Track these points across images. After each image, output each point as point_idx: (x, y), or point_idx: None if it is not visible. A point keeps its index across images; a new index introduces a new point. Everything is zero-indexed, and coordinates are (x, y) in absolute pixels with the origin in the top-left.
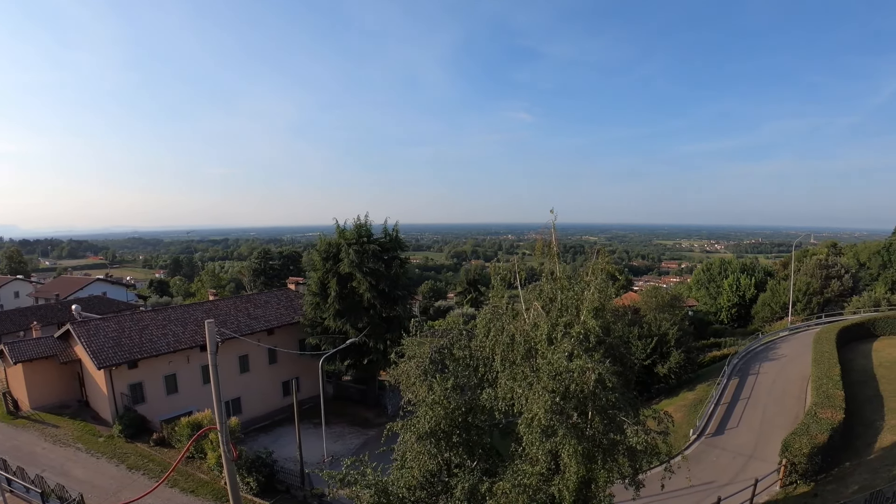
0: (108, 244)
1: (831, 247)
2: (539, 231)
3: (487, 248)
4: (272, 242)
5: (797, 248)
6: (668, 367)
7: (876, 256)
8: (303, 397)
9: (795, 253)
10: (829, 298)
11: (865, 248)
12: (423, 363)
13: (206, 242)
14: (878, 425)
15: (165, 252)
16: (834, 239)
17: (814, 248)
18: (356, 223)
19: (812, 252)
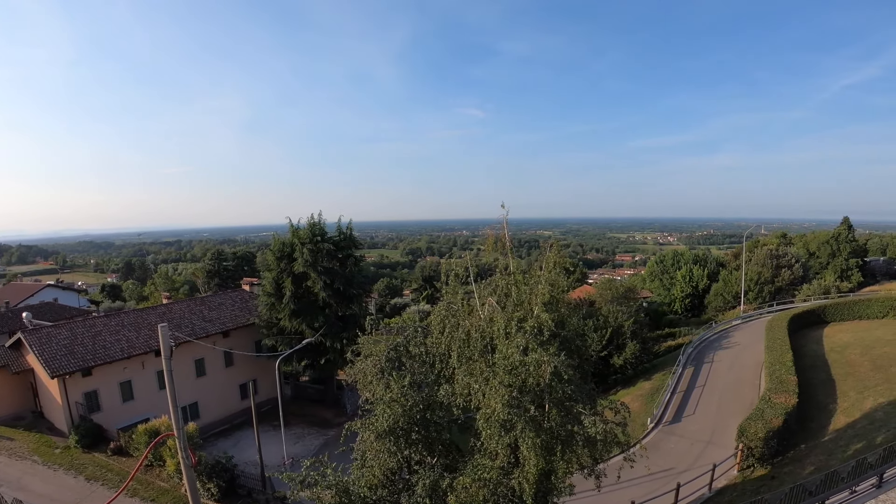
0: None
1: (781, 237)
2: (492, 226)
3: (442, 245)
4: (226, 243)
5: (748, 239)
6: (624, 357)
7: (825, 246)
8: (261, 399)
9: (746, 244)
10: (780, 287)
11: (815, 238)
12: (379, 361)
13: (159, 244)
14: (832, 408)
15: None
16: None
17: (764, 238)
18: (310, 222)
19: (763, 242)
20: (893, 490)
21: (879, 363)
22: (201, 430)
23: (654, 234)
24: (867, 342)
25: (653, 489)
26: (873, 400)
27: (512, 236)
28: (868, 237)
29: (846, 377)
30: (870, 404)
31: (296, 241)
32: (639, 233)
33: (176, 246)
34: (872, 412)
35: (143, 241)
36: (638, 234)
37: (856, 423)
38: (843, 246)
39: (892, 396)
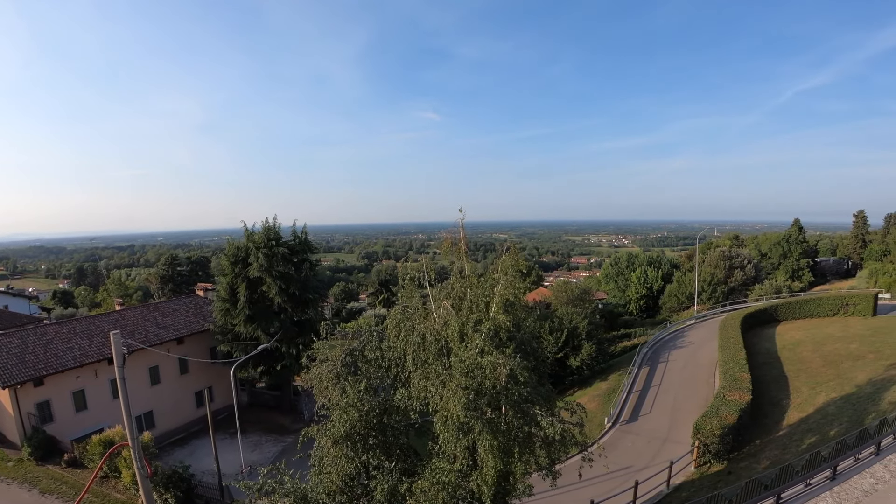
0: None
1: (734, 238)
2: (448, 230)
3: (398, 248)
4: (180, 247)
5: (701, 241)
6: (581, 358)
7: (776, 247)
8: (217, 407)
9: (700, 245)
10: (733, 287)
11: (766, 239)
12: (335, 366)
13: (112, 249)
14: (785, 403)
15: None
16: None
17: (717, 240)
18: (264, 226)
19: (716, 244)
20: (847, 482)
21: (830, 359)
22: (157, 440)
23: (609, 237)
24: (818, 339)
25: (612, 487)
26: (825, 395)
27: (468, 239)
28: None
29: (799, 373)
30: (822, 399)
31: (250, 246)
32: (594, 235)
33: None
34: (825, 407)
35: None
36: (593, 237)
37: (809, 417)
38: (794, 247)
39: (844, 391)
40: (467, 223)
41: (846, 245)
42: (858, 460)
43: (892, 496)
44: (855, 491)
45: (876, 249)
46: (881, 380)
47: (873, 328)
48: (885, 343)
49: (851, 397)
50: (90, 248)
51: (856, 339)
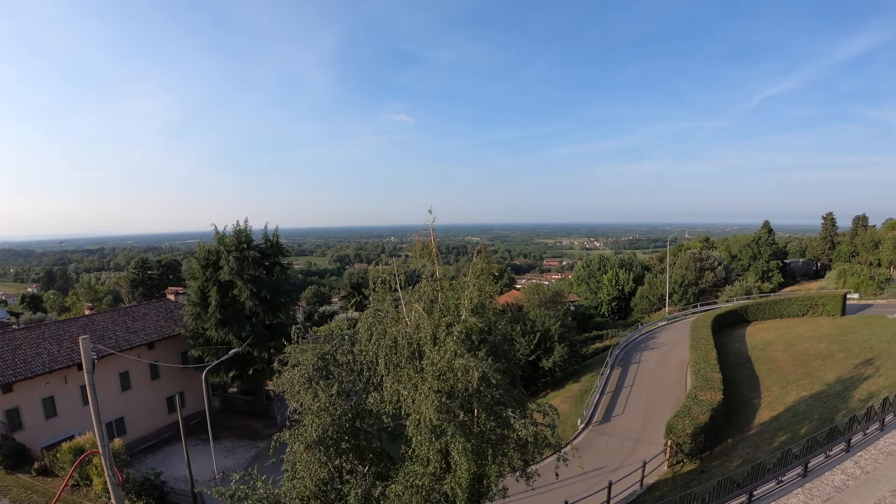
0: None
1: (704, 241)
2: (420, 232)
3: (370, 252)
4: (151, 250)
5: (672, 243)
6: (553, 360)
7: (746, 248)
8: (189, 412)
9: (671, 247)
10: (703, 289)
11: (736, 241)
12: (306, 370)
13: (82, 252)
14: (756, 403)
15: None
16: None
17: (688, 242)
18: (235, 229)
19: (686, 246)
20: (818, 479)
21: (800, 358)
22: (128, 446)
23: (580, 240)
24: (788, 339)
25: (586, 488)
26: (796, 393)
27: (440, 242)
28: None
29: (769, 373)
30: (793, 398)
31: (221, 249)
32: (566, 238)
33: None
34: (795, 405)
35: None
36: (565, 240)
37: (780, 416)
38: (763, 248)
39: (814, 390)
40: (439, 226)
41: (815, 247)
42: (829, 457)
43: (863, 491)
44: (826, 487)
45: (844, 251)
46: (850, 378)
47: (842, 328)
48: (853, 342)
49: (821, 395)
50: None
51: (825, 339)
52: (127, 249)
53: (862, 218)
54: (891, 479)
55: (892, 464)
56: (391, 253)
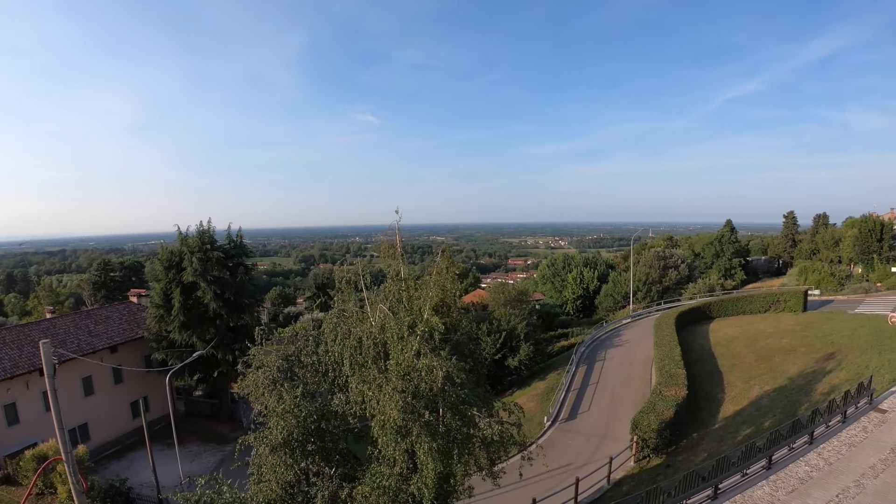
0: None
1: (668, 239)
2: (385, 232)
3: (335, 252)
4: (113, 252)
5: (636, 242)
6: (519, 359)
7: (709, 247)
8: (154, 417)
9: (634, 246)
10: (667, 286)
11: (699, 240)
12: (270, 372)
13: (42, 254)
14: (720, 398)
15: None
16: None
17: (652, 241)
18: (199, 229)
19: (650, 245)
20: (783, 471)
21: (763, 354)
22: (92, 453)
23: (545, 239)
24: (751, 335)
25: (554, 485)
26: (759, 388)
27: (405, 242)
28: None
29: (732, 368)
30: (756, 392)
31: (184, 250)
32: (530, 237)
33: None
34: (758, 399)
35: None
36: (530, 239)
37: (744, 410)
38: (726, 247)
39: (777, 384)
40: (405, 226)
41: (777, 245)
42: (793, 449)
43: (826, 482)
44: (791, 479)
45: (805, 249)
46: (812, 372)
47: (804, 323)
48: (815, 337)
49: (784, 390)
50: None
51: (787, 335)
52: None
53: (822, 217)
54: (854, 469)
55: (854, 455)
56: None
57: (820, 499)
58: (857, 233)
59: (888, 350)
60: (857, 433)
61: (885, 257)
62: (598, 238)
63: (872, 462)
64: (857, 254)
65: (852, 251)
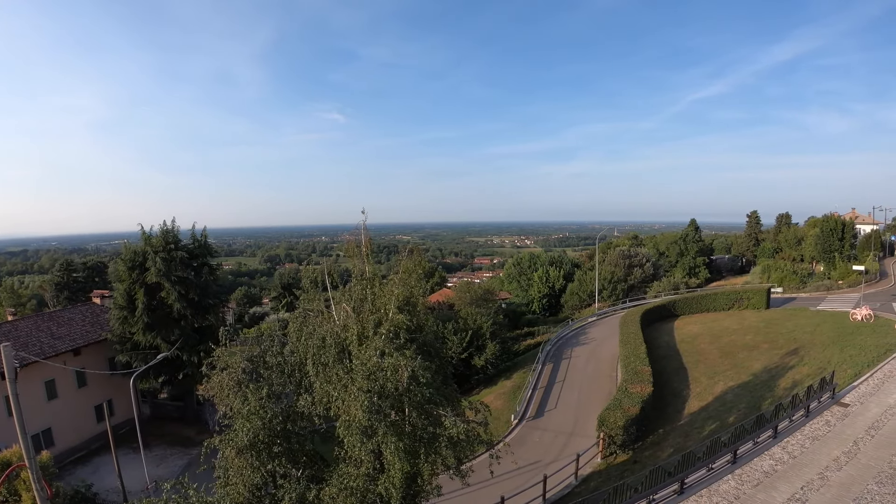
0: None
1: (633, 238)
2: (352, 232)
3: (301, 251)
4: (76, 252)
5: (601, 241)
6: (485, 358)
7: (674, 245)
8: (119, 420)
9: (600, 245)
10: (632, 285)
11: (664, 239)
12: (235, 373)
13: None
14: (685, 394)
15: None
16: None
17: (617, 240)
18: (162, 229)
19: (615, 244)
20: (748, 465)
21: (727, 350)
22: (57, 458)
23: (511, 238)
24: (715, 332)
25: (522, 483)
26: (723, 384)
27: (371, 241)
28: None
29: (697, 364)
30: (720, 388)
31: (148, 250)
32: (497, 236)
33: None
34: (723, 395)
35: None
36: (496, 238)
37: (709, 405)
38: (690, 245)
39: (741, 380)
40: (371, 225)
41: (740, 243)
42: (757, 444)
43: (791, 476)
44: (756, 472)
45: (768, 247)
46: (775, 367)
47: (767, 320)
48: (778, 333)
49: (748, 385)
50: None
51: (751, 331)
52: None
53: (785, 216)
54: (818, 462)
55: (818, 448)
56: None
57: (785, 492)
58: (818, 232)
59: (850, 346)
60: (821, 427)
61: (846, 255)
62: (564, 237)
63: (836, 455)
64: (818, 252)
65: (814, 249)
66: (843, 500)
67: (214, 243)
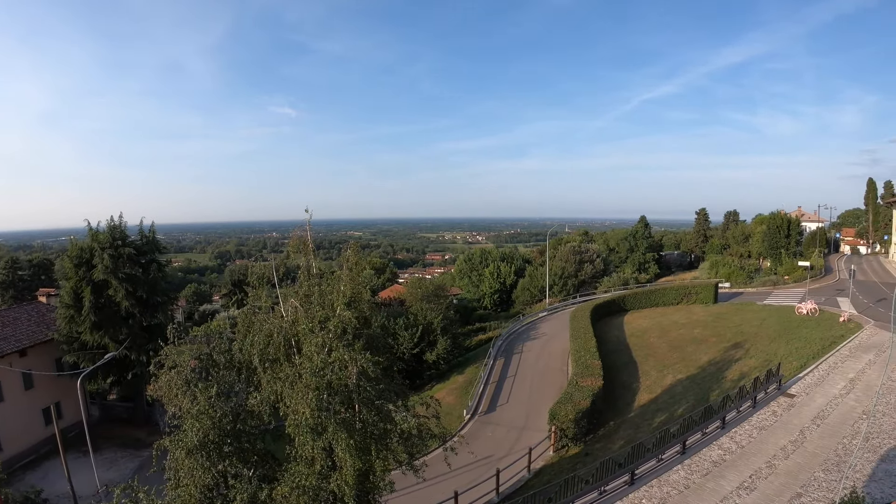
0: None
1: (584, 234)
2: (301, 227)
3: (252, 247)
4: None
5: (552, 237)
6: (437, 353)
7: (624, 242)
8: (68, 423)
9: (551, 241)
10: (583, 280)
11: (614, 235)
12: (184, 372)
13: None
14: (635, 387)
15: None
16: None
17: (568, 236)
18: (110, 225)
19: (566, 240)
20: (697, 455)
21: (675, 344)
22: (5, 464)
23: (463, 234)
24: (664, 326)
25: (475, 477)
26: (672, 376)
27: (322, 238)
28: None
29: (647, 358)
30: (669, 381)
31: (95, 246)
32: (448, 232)
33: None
34: (672, 387)
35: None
36: (448, 234)
37: (658, 398)
38: (640, 242)
39: (689, 372)
40: (322, 221)
41: (689, 240)
42: (706, 434)
43: (739, 464)
44: (705, 462)
45: (716, 244)
46: (722, 360)
47: (714, 314)
48: (725, 327)
49: (696, 377)
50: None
51: (699, 325)
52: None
53: (733, 213)
54: (765, 451)
55: (765, 437)
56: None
57: (733, 480)
58: (765, 229)
59: (795, 338)
60: (768, 417)
61: (792, 252)
62: (516, 233)
63: (783, 444)
64: (765, 248)
65: (761, 246)
66: (790, 487)
67: (163, 239)
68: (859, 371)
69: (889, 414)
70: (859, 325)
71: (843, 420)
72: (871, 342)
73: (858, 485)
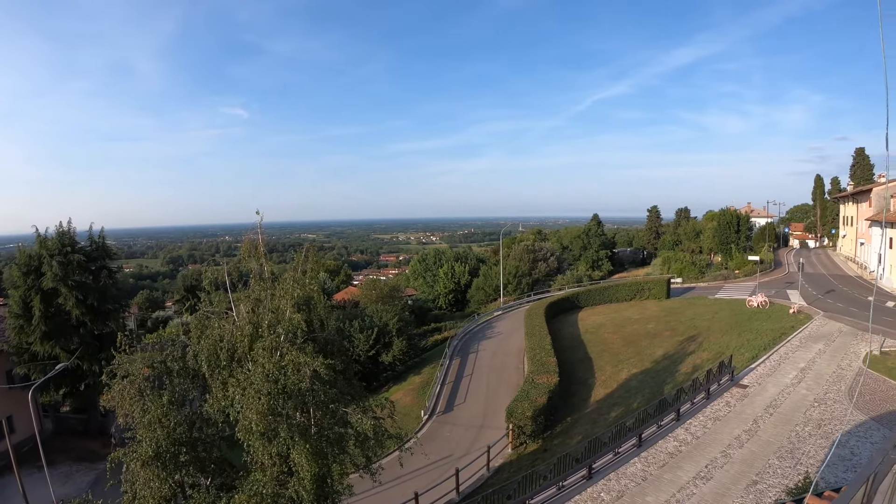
0: None
1: (537, 233)
2: (254, 231)
3: (205, 252)
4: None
5: (506, 236)
6: (393, 355)
7: (577, 240)
8: (21, 437)
9: (505, 240)
10: (537, 278)
11: (568, 233)
12: (136, 381)
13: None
14: (591, 382)
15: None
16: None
17: (522, 234)
18: (59, 231)
19: (520, 239)
20: (653, 447)
21: (630, 339)
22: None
23: (417, 234)
24: (618, 322)
25: (435, 477)
26: (627, 371)
27: (275, 240)
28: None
29: (602, 353)
30: (624, 375)
31: (44, 253)
32: (402, 233)
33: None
34: (627, 382)
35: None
36: (402, 235)
37: (614, 392)
38: (593, 239)
39: (644, 367)
40: (276, 223)
41: (642, 237)
42: (661, 427)
43: (695, 455)
44: (661, 454)
45: (668, 240)
46: (675, 354)
47: (667, 309)
48: (678, 322)
49: (651, 371)
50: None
51: (652, 320)
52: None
53: (685, 210)
54: (720, 441)
55: (719, 428)
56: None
57: (690, 471)
58: (716, 225)
59: (747, 331)
60: (721, 408)
61: (743, 247)
62: (470, 233)
63: (737, 433)
64: (716, 244)
65: (712, 241)
66: (746, 475)
67: (114, 245)
68: (810, 360)
69: (840, 401)
70: (809, 317)
71: (796, 408)
72: (821, 332)
73: (812, 470)
